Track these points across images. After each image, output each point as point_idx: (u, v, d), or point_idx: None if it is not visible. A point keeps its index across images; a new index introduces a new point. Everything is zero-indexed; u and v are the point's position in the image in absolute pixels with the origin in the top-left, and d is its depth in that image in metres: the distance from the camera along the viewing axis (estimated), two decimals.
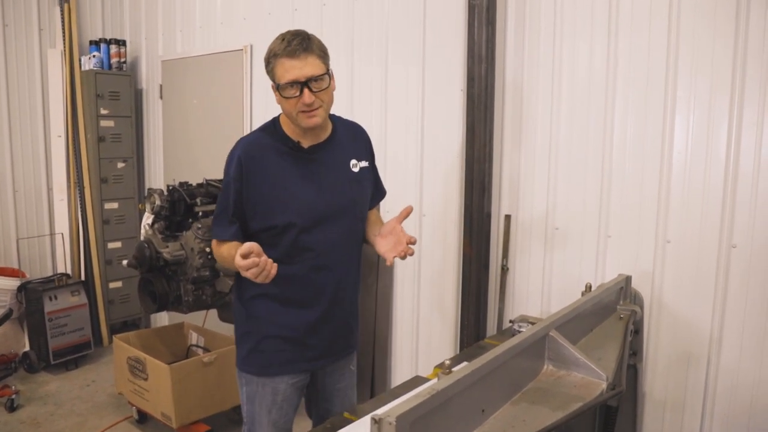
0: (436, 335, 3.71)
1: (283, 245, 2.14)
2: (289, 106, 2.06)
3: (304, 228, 2.14)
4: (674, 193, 2.81)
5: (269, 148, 2.16)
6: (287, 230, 2.13)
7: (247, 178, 2.11)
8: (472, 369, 1.47)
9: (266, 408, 2.28)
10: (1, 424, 4.07)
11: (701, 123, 2.72)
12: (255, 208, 2.14)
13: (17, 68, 5.39)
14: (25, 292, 4.87)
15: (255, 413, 2.30)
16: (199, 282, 3.43)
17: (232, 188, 2.13)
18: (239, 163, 2.11)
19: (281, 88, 2.04)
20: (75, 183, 5.39)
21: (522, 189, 3.30)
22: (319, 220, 2.16)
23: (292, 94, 2.02)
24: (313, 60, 2.01)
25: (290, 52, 1.99)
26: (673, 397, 2.90)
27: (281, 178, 2.13)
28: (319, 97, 2.04)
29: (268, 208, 2.13)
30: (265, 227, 2.14)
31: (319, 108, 2.06)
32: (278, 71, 2.03)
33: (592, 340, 2.17)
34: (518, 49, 3.24)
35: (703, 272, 2.77)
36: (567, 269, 3.17)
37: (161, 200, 3.48)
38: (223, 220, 2.18)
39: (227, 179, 2.16)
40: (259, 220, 2.15)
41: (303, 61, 1.99)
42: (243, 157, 2.12)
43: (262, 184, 2.12)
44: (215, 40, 4.86)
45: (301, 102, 2.02)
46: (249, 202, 2.13)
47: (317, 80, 2.02)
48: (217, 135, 4.84)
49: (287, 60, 2.00)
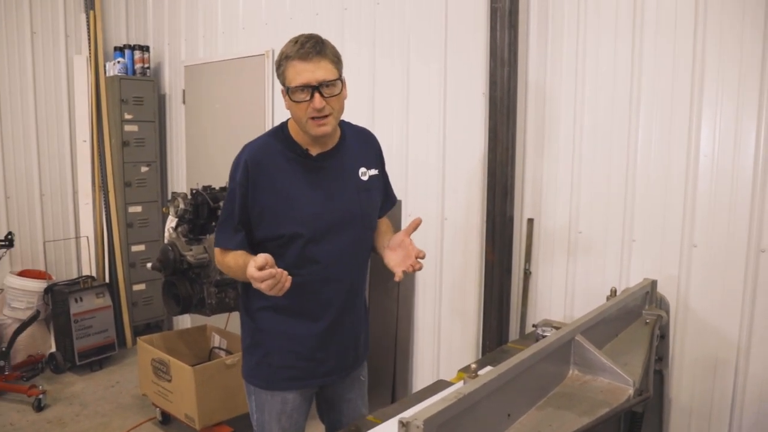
0: (458, 339, 3.70)
1: (289, 256, 2.07)
2: (299, 111, 1.99)
3: (311, 239, 2.07)
4: (701, 196, 2.78)
5: (277, 153, 2.09)
6: (293, 240, 2.07)
7: (253, 184, 2.04)
8: (499, 373, 1.46)
9: (276, 417, 2.23)
10: (29, 423, 4.13)
11: (729, 125, 2.68)
12: (261, 216, 2.07)
13: (44, 74, 5.46)
14: (51, 294, 4.94)
15: (265, 422, 2.25)
16: (222, 285, 3.46)
17: (237, 194, 2.06)
18: (245, 168, 2.05)
19: (291, 92, 1.97)
20: (100, 187, 5.46)
21: (545, 193, 3.28)
22: (326, 230, 2.09)
23: (303, 99, 1.96)
24: (326, 64, 1.95)
25: (303, 55, 1.93)
26: (699, 404, 2.87)
27: (288, 185, 2.07)
28: (329, 104, 1.97)
29: (273, 217, 2.06)
30: (270, 236, 2.08)
31: (329, 116, 1.99)
32: (289, 74, 1.96)
33: (617, 345, 2.15)
34: (541, 52, 3.23)
35: (731, 277, 2.73)
36: (591, 274, 3.15)
37: (185, 204, 3.51)
38: (228, 227, 2.10)
39: (232, 185, 2.09)
40: (264, 229, 2.08)
41: (315, 64, 1.93)
42: (249, 162, 2.05)
43: (268, 192, 2.05)
44: (237, 45, 4.90)
45: (311, 107, 1.95)
46: (255, 210, 2.06)
47: (329, 86, 1.96)
48: (239, 139, 4.79)
49: (299, 63, 1.93)
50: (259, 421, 2.27)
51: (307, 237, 2.06)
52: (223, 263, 2.16)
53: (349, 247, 2.16)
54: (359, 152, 2.23)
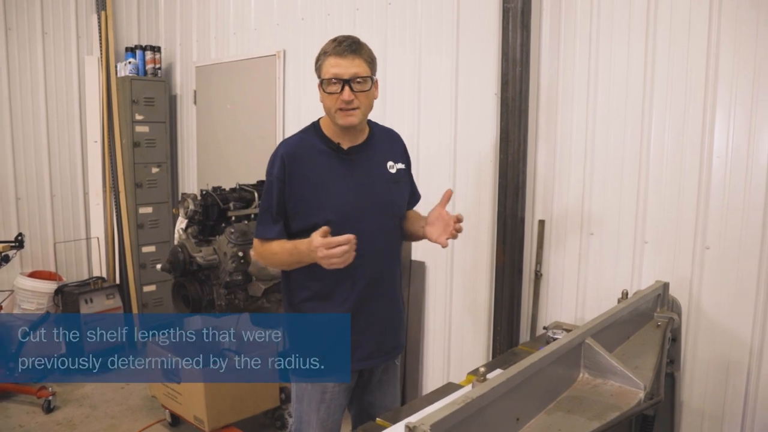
0: (469, 341, 3.68)
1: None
2: (330, 102, 2.14)
3: (342, 226, 2.12)
4: (714, 198, 2.75)
5: (311, 148, 2.23)
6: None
7: (290, 176, 2.17)
8: (507, 377, 1.45)
9: (315, 406, 2.30)
10: (38, 425, 4.14)
11: (742, 126, 2.65)
12: (297, 207, 2.18)
13: (56, 75, 5.49)
14: (61, 295, 4.95)
15: (303, 412, 2.33)
16: (231, 286, 3.46)
17: (275, 187, 2.18)
18: (282, 162, 2.18)
19: (324, 84, 2.13)
20: (110, 188, 5.47)
21: (556, 194, 3.26)
22: (357, 217, 2.18)
23: (334, 90, 2.11)
24: (360, 63, 2.13)
25: (339, 52, 2.11)
26: (711, 407, 2.83)
27: (322, 177, 2.19)
28: (358, 98, 2.13)
29: (308, 206, 2.18)
30: (306, 227, 2.16)
31: (357, 109, 2.14)
32: (324, 67, 2.13)
33: (628, 348, 2.13)
34: (553, 52, 3.20)
35: (744, 279, 2.70)
36: (602, 276, 3.12)
37: (195, 205, 3.51)
38: (267, 218, 2.22)
39: (270, 179, 2.22)
40: (299, 220, 2.19)
41: (350, 61, 2.11)
42: (286, 156, 2.18)
43: (304, 183, 2.18)
44: (249, 46, 4.90)
45: (340, 99, 2.10)
46: (291, 201, 2.18)
47: (360, 81, 2.13)
48: (250, 140, 4.88)
49: (334, 58, 2.11)
50: (298, 411, 2.36)
51: (338, 224, 2.12)
52: (265, 253, 2.26)
53: (380, 236, 2.26)
54: (387, 148, 2.38)
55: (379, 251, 2.25)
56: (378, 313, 2.30)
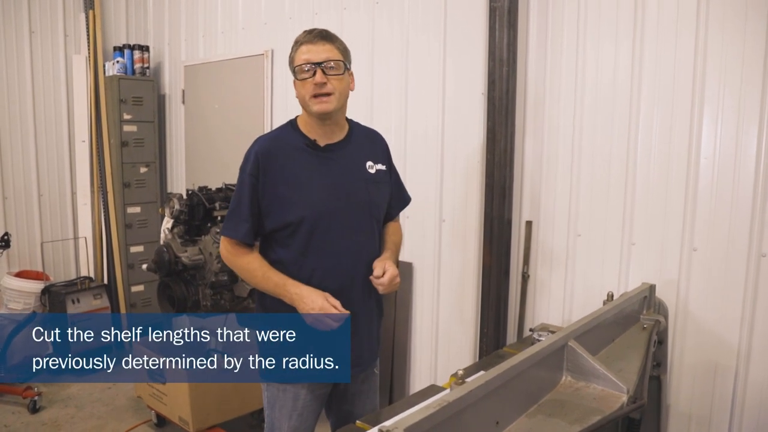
0: (456, 343, 3.66)
1: (296, 244, 2.13)
2: (303, 90, 2.10)
3: (316, 225, 2.12)
4: (701, 199, 2.73)
5: (286, 145, 2.17)
6: (300, 227, 2.12)
7: (264, 173, 2.12)
8: (486, 380, 1.43)
9: (287, 414, 2.25)
10: (23, 425, 4.10)
11: (730, 127, 2.64)
12: (271, 204, 2.13)
13: (43, 74, 5.44)
14: (48, 295, 4.90)
15: (275, 419, 2.27)
16: (217, 287, 3.43)
17: (247, 184, 2.12)
18: (256, 159, 2.12)
19: (297, 71, 2.09)
20: (98, 187, 5.43)
21: (544, 195, 3.24)
22: (332, 216, 2.14)
23: (306, 77, 2.07)
24: (331, 48, 2.10)
25: (310, 39, 2.09)
26: (698, 410, 2.82)
27: (297, 174, 2.14)
28: (331, 82, 2.08)
29: (282, 204, 2.12)
30: (279, 225, 2.13)
31: (331, 95, 2.09)
32: (296, 56, 2.11)
33: (613, 351, 2.12)
34: (540, 52, 3.19)
35: (731, 282, 2.69)
36: (589, 277, 3.11)
37: (180, 205, 3.49)
38: (236, 217, 2.16)
39: (243, 176, 2.15)
40: (274, 218, 2.13)
41: (320, 46, 2.08)
42: (260, 153, 2.13)
43: (278, 180, 2.12)
44: (237, 45, 4.88)
45: (313, 83, 2.06)
46: (265, 198, 2.13)
47: (332, 67, 2.08)
48: (238, 139, 4.84)
49: (306, 45, 2.09)
50: (269, 417, 2.30)
51: (312, 223, 2.11)
52: (236, 264, 2.21)
53: (356, 237, 2.19)
54: (366, 148, 2.30)
55: (353, 252, 2.18)
56: (358, 321, 2.19)
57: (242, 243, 2.17)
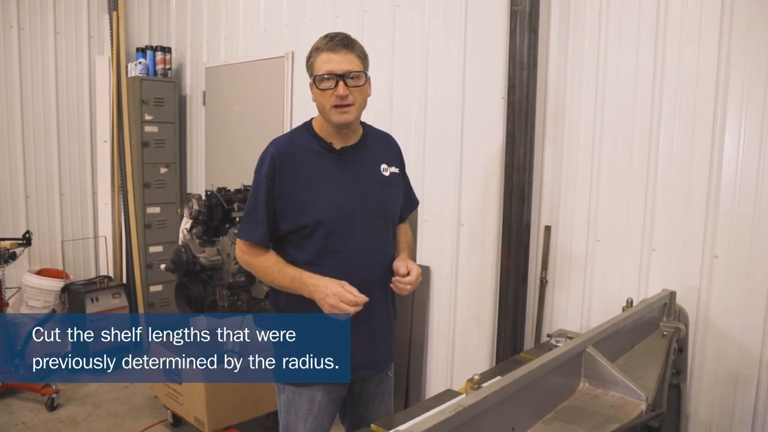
0: (473, 347, 3.63)
1: (313, 246, 2.13)
2: (324, 100, 2.09)
3: (333, 228, 2.12)
4: (723, 205, 2.69)
5: (302, 147, 2.17)
6: (316, 230, 2.12)
7: (279, 176, 2.12)
8: (502, 385, 1.41)
9: (302, 417, 2.24)
10: (41, 422, 4.14)
11: (753, 132, 2.60)
12: (286, 207, 2.13)
13: (67, 74, 5.51)
14: (68, 293, 4.96)
15: (290, 422, 2.27)
16: (234, 287, 3.44)
17: (263, 186, 2.13)
18: (272, 162, 2.12)
19: (317, 80, 2.08)
20: (119, 187, 5.49)
21: (563, 200, 3.21)
22: (348, 219, 2.14)
23: (328, 87, 2.06)
24: (352, 58, 2.08)
25: (331, 47, 2.07)
26: (719, 420, 2.77)
27: (312, 176, 2.14)
28: (352, 94, 2.07)
29: (298, 207, 2.12)
30: (295, 227, 2.13)
31: (352, 105, 2.09)
32: (317, 64, 2.09)
33: (632, 358, 2.09)
34: (561, 56, 3.16)
35: (754, 289, 2.64)
36: (609, 283, 3.07)
37: (199, 205, 3.50)
38: (252, 219, 2.16)
39: (258, 177, 2.16)
40: (289, 220, 2.13)
41: (342, 56, 2.06)
42: (275, 155, 2.13)
43: (294, 182, 2.12)
44: (258, 47, 4.90)
45: (335, 95, 2.05)
46: (281, 201, 2.13)
47: (353, 77, 2.07)
48: (258, 141, 4.83)
49: (327, 54, 2.07)
50: (285, 420, 2.29)
51: (329, 225, 2.11)
52: (252, 264, 2.22)
53: (372, 239, 2.19)
54: (380, 151, 2.30)
55: (369, 254, 2.18)
56: (368, 320, 2.19)
57: (258, 245, 2.17)
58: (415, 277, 2.13)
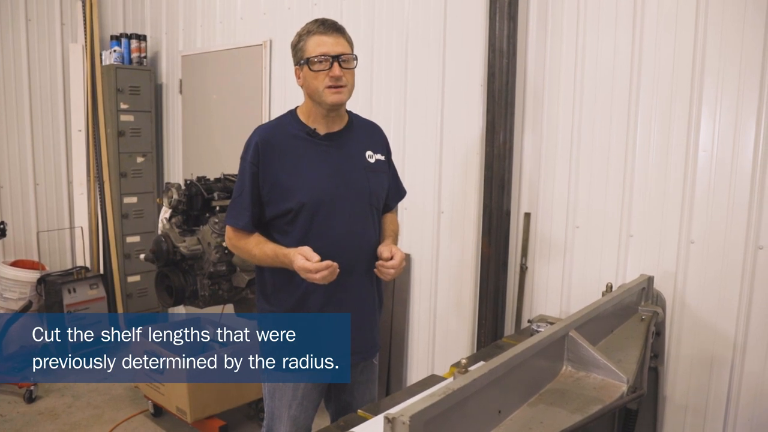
0: (453, 334, 3.67)
1: (297, 231, 2.15)
2: (317, 81, 2.11)
3: (316, 211, 2.14)
4: (699, 192, 2.75)
5: (286, 133, 2.20)
6: (300, 213, 2.14)
7: (264, 161, 2.15)
8: (489, 369, 1.44)
9: (286, 403, 2.26)
10: (20, 415, 4.09)
11: (728, 120, 2.65)
12: (271, 192, 2.16)
13: (39, 63, 5.42)
14: (44, 284, 4.89)
15: (275, 408, 2.30)
16: (215, 277, 3.43)
17: (248, 172, 2.16)
18: (256, 148, 2.15)
19: (311, 62, 2.10)
20: (95, 177, 5.42)
21: (542, 187, 3.25)
22: (331, 202, 2.16)
23: (321, 68, 2.09)
24: (344, 41, 2.14)
25: (323, 31, 2.11)
26: (695, 401, 2.84)
27: (296, 162, 2.16)
28: (345, 75, 2.11)
29: (282, 191, 2.15)
30: (280, 212, 2.16)
31: (345, 86, 2.12)
32: (309, 46, 2.12)
33: (612, 342, 2.13)
34: (540, 44, 3.19)
35: (728, 274, 2.70)
36: (587, 269, 3.12)
37: (179, 194, 3.48)
38: (238, 205, 2.19)
39: (243, 164, 2.19)
40: (274, 205, 2.16)
41: (335, 39, 2.12)
42: (260, 141, 2.16)
43: (278, 168, 2.15)
44: (235, 35, 4.85)
45: (330, 76, 2.08)
46: (265, 186, 2.15)
47: (346, 59, 2.11)
48: (236, 130, 4.83)
49: (320, 36, 2.11)
50: (269, 407, 2.32)
51: (312, 208, 2.13)
52: (239, 247, 2.24)
53: (356, 224, 2.21)
54: (366, 138, 2.33)
55: (353, 238, 2.19)
56: (350, 305, 2.20)
57: (243, 230, 2.20)
58: (398, 262, 2.15)
